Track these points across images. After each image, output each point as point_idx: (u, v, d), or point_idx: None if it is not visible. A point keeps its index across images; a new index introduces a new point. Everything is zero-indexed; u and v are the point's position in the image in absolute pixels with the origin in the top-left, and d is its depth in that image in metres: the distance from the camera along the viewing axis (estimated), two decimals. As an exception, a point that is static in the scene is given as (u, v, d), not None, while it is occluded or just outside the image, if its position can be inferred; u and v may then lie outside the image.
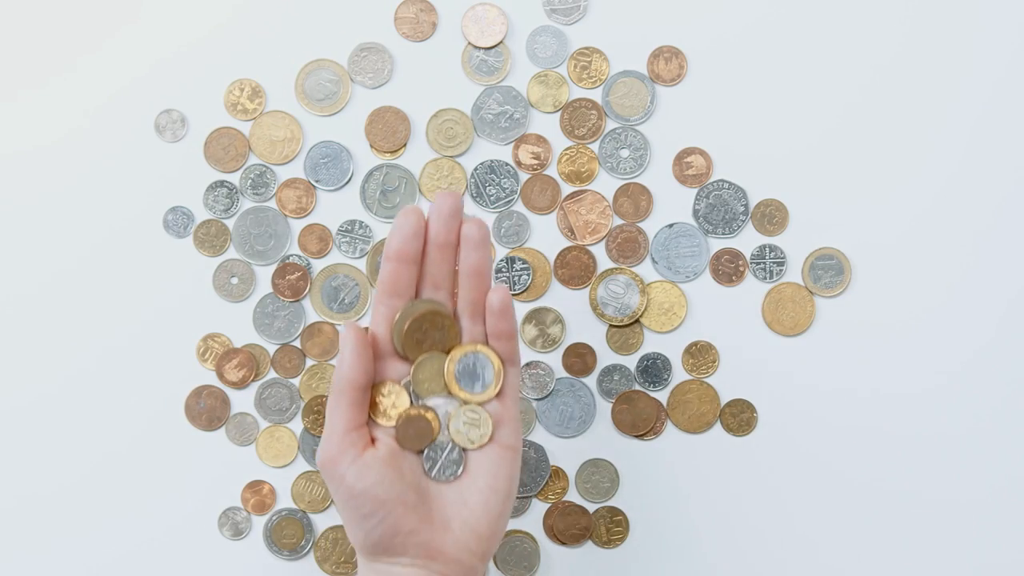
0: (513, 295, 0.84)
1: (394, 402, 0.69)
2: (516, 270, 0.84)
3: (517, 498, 0.84)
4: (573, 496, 0.84)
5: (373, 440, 0.69)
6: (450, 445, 0.69)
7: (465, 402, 0.70)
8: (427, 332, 0.69)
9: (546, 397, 0.84)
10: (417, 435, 0.69)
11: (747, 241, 0.84)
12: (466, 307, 0.70)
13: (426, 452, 0.69)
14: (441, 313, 0.69)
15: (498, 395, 0.70)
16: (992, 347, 0.83)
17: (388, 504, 0.67)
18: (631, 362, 0.84)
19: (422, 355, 0.69)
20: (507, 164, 0.85)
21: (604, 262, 0.85)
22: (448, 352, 0.70)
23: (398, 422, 0.69)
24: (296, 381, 0.85)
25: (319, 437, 0.84)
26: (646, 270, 0.84)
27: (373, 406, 0.69)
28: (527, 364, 0.84)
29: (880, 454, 0.83)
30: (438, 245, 0.69)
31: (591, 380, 0.84)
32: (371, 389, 0.69)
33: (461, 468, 0.69)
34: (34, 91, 0.86)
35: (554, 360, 0.84)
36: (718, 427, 0.84)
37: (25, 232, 0.85)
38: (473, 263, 0.69)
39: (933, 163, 0.84)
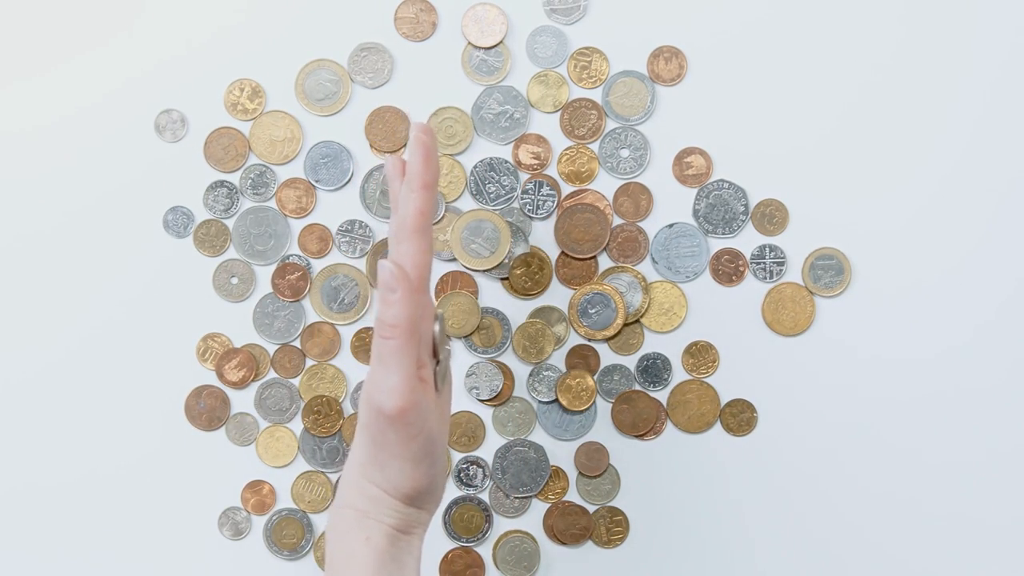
0: (539, 218, 0.84)
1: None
2: (542, 195, 0.84)
3: (516, 498, 0.84)
4: (573, 496, 0.84)
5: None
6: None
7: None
8: None
9: (554, 401, 0.84)
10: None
11: (747, 241, 0.84)
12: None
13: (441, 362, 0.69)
14: None
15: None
16: (991, 347, 0.83)
17: (445, 444, 0.68)
18: (631, 362, 0.84)
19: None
20: (506, 161, 0.85)
21: (605, 262, 0.85)
22: None
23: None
24: (296, 381, 0.85)
25: (319, 437, 0.84)
26: (646, 270, 0.84)
27: None
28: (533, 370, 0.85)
29: (880, 454, 0.83)
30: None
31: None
32: None
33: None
34: (34, 90, 0.86)
35: (557, 360, 0.84)
36: (718, 427, 0.84)
37: (25, 232, 0.85)
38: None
39: (933, 162, 0.84)
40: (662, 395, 0.84)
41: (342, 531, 0.67)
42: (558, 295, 0.85)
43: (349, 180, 0.85)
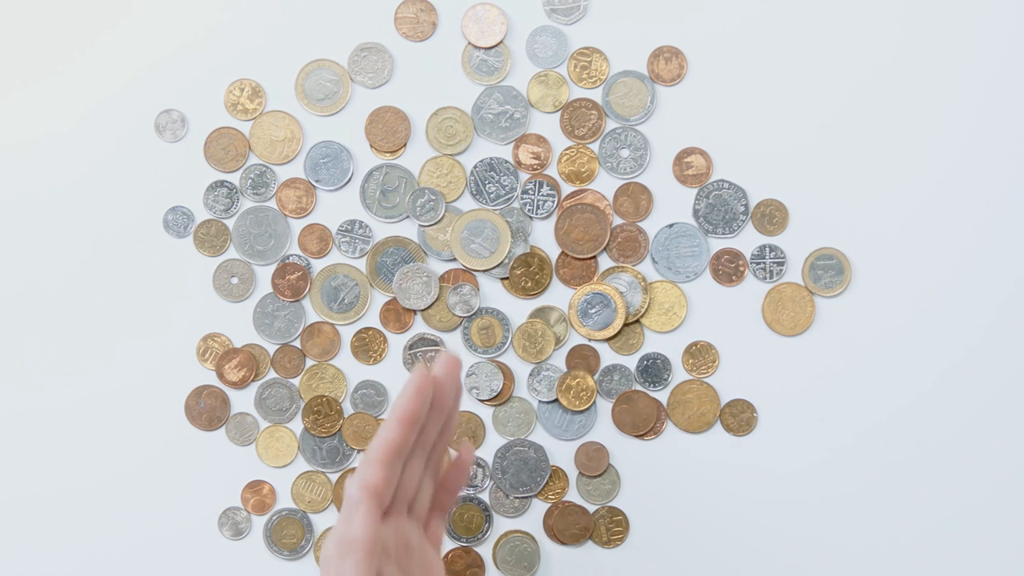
0: (539, 218, 0.84)
1: None
2: (542, 195, 0.84)
3: (516, 498, 0.84)
4: (573, 496, 0.84)
5: None
6: None
7: None
8: None
9: (555, 401, 0.84)
10: None
11: (747, 241, 0.84)
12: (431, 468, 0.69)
13: None
14: None
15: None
16: (990, 346, 0.83)
17: None
18: (631, 362, 0.84)
19: None
20: (506, 161, 0.85)
21: (605, 262, 0.85)
22: None
23: None
24: (296, 381, 0.85)
25: (319, 437, 0.84)
26: (646, 270, 0.84)
27: None
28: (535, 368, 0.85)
29: (880, 454, 0.84)
30: (442, 409, 0.67)
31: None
32: None
33: None
34: (34, 90, 0.86)
35: (557, 360, 0.84)
36: (718, 427, 0.84)
37: (25, 232, 0.85)
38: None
39: (932, 162, 0.84)
40: (662, 395, 0.84)
41: None
42: (558, 295, 0.85)
43: (349, 180, 0.85)
